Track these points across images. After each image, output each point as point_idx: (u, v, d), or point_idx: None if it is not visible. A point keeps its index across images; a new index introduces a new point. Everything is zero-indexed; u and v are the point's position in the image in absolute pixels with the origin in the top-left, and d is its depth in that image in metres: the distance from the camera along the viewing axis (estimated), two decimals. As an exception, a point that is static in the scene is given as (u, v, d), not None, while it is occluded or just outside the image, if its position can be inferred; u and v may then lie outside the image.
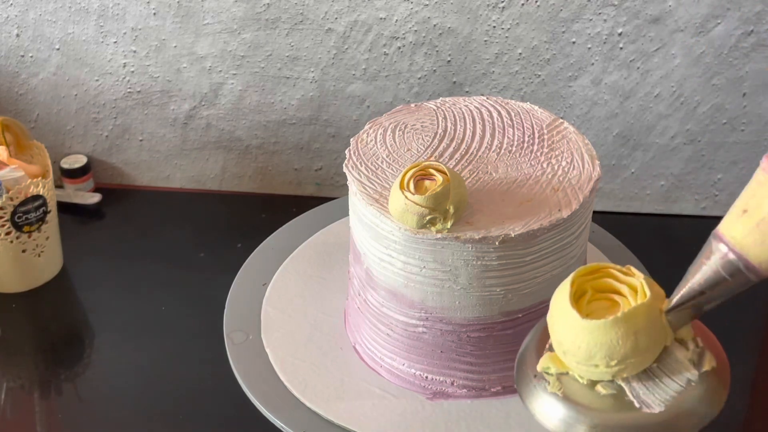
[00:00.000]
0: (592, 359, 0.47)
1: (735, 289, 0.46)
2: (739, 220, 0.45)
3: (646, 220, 0.97)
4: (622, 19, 0.86)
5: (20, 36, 0.94)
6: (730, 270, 0.45)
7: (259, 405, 0.69)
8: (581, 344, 0.47)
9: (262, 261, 0.83)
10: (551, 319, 0.50)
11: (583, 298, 0.49)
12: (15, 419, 0.74)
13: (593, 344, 0.47)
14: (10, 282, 0.85)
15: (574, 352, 0.48)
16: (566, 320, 0.48)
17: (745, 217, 0.44)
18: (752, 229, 0.44)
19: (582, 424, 0.47)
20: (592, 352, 0.47)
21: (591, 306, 0.49)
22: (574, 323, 0.47)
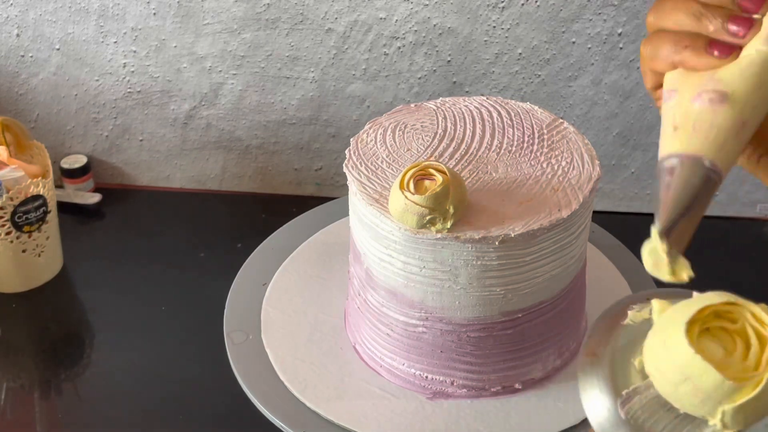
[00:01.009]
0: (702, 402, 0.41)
1: (705, 197, 0.43)
2: (675, 136, 0.43)
3: (646, 220, 0.96)
4: (622, 19, 0.86)
5: (20, 36, 0.94)
6: (696, 170, 0.42)
7: (259, 405, 0.69)
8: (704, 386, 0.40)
9: (262, 261, 0.83)
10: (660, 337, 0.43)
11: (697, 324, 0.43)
12: (15, 419, 0.74)
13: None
14: (10, 282, 0.85)
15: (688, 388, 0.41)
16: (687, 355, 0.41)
17: (679, 131, 0.43)
18: (691, 135, 0.43)
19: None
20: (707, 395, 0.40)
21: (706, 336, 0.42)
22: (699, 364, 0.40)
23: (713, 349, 0.41)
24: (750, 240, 0.94)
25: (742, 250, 0.93)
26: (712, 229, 0.97)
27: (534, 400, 0.68)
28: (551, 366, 0.70)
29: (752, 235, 0.95)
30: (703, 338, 0.42)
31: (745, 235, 0.95)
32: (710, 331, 0.42)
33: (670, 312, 0.43)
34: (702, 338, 0.42)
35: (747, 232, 0.95)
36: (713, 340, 0.42)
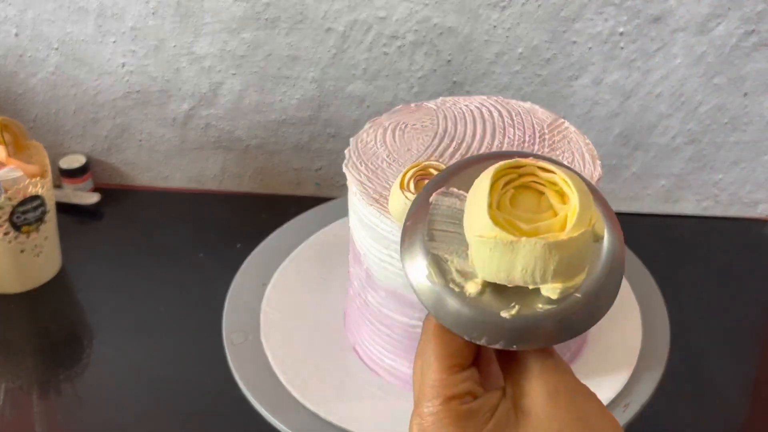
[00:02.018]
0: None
1: None
2: None
3: (647, 220, 0.97)
4: (623, 18, 0.86)
5: (19, 36, 0.94)
6: None
7: (258, 406, 0.69)
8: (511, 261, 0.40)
9: (261, 261, 0.82)
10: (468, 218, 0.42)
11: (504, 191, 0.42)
12: (14, 419, 0.74)
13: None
14: (8, 282, 0.85)
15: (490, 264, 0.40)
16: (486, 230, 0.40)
17: None
18: None
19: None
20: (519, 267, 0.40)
21: (517, 199, 0.41)
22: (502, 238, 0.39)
23: (518, 208, 0.41)
24: (751, 240, 0.94)
25: (743, 251, 0.92)
26: (713, 229, 0.97)
27: (535, 401, 0.68)
28: (552, 367, 0.70)
29: (754, 236, 0.94)
30: (516, 197, 0.41)
31: (746, 235, 0.94)
32: (523, 187, 0.42)
33: (473, 188, 0.42)
34: (514, 197, 0.41)
35: (748, 232, 0.95)
36: (524, 196, 0.41)
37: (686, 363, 0.76)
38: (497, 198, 0.40)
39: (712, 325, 0.82)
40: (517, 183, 0.41)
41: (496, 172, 0.41)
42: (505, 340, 0.41)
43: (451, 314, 0.41)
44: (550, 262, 0.39)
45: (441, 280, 0.42)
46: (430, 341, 0.42)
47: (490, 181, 0.40)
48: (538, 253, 0.39)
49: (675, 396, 0.73)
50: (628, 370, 0.70)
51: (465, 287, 0.42)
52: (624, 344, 0.73)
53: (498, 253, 0.39)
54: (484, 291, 0.41)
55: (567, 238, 0.38)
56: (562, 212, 0.40)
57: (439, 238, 0.43)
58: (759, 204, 0.95)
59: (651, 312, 0.76)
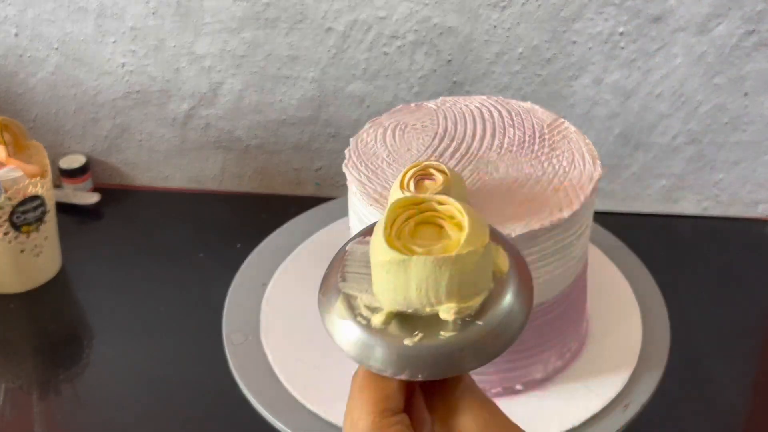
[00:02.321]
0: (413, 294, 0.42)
1: None
2: None
3: (647, 220, 0.97)
4: (623, 18, 0.86)
5: (18, 35, 0.94)
6: None
7: (258, 406, 0.69)
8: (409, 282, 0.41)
9: (261, 261, 0.82)
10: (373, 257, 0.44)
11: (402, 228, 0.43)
12: (14, 420, 0.74)
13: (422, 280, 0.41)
14: (8, 282, 0.85)
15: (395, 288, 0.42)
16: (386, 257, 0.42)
17: None
18: None
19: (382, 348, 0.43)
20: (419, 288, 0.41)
21: (418, 231, 0.43)
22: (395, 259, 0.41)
23: (419, 239, 0.42)
24: (752, 240, 0.94)
25: (743, 251, 0.92)
26: (714, 229, 0.97)
27: (535, 401, 0.68)
28: (552, 367, 0.70)
29: (754, 236, 0.94)
30: (416, 230, 0.43)
31: (747, 235, 0.94)
32: (424, 222, 0.43)
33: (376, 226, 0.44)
34: (414, 230, 0.43)
35: (749, 232, 0.95)
36: (425, 230, 0.43)
37: (686, 363, 0.76)
38: (397, 230, 0.42)
39: (712, 325, 0.82)
40: (418, 218, 0.43)
41: (394, 206, 0.42)
42: (409, 369, 0.42)
43: (359, 347, 0.43)
44: (441, 279, 0.40)
45: (349, 314, 0.44)
46: (361, 389, 0.44)
47: (387, 212, 0.42)
48: (428, 269, 0.40)
49: (675, 396, 0.73)
50: (628, 370, 0.70)
51: (371, 319, 0.43)
52: (624, 344, 0.73)
53: (393, 275, 0.41)
54: (390, 322, 0.43)
55: (455, 254, 0.40)
56: (456, 237, 0.42)
57: (350, 279, 0.45)
58: (759, 204, 0.95)
59: (651, 312, 0.76)
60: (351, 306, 0.44)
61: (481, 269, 0.42)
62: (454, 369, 0.42)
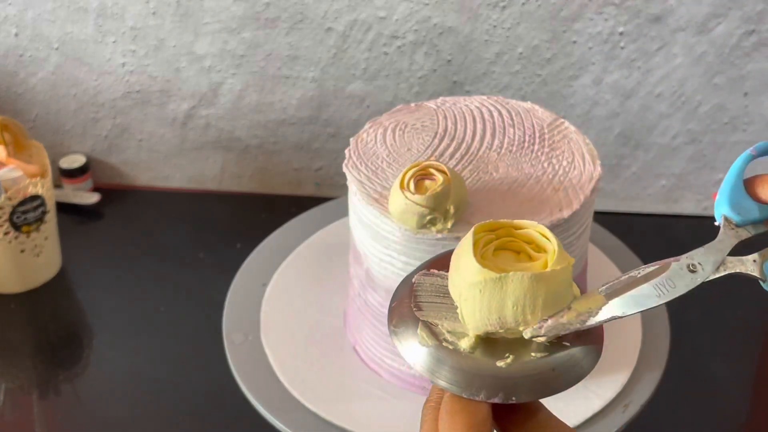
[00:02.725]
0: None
1: None
2: None
3: (647, 220, 0.97)
4: (623, 18, 0.86)
5: (19, 35, 0.94)
6: None
7: (258, 406, 0.69)
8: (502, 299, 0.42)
9: (261, 261, 0.82)
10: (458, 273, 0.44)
11: (486, 249, 0.44)
12: (14, 420, 0.74)
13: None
14: (8, 282, 0.85)
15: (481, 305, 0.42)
16: (473, 272, 0.42)
17: None
18: None
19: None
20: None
21: (497, 256, 0.44)
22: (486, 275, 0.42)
23: (500, 263, 0.43)
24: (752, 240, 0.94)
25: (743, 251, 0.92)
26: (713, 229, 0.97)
27: (535, 401, 0.68)
28: (552, 367, 0.70)
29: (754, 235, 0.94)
30: (496, 256, 0.43)
31: (746, 235, 0.94)
32: (502, 248, 0.44)
33: (455, 256, 0.44)
34: (494, 256, 0.43)
35: (748, 232, 0.95)
36: (503, 255, 0.43)
37: (686, 363, 0.76)
38: (480, 254, 0.42)
39: (712, 325, 0.82)
40: (496, 244, 0.43)
41: (476, 231, 0.43)
42: (503, 391, 0.42)
43: (448, 372, 0.42)
44: (538, 294, 0.41)
45: (434, 341, 0.43)
46: (452, 414, 0.42)
47: (472, 236, 0.42)
48: (526, 285, 0.41)
49: (675, 396, 0.73)
50: (628, 370, 0.70)
51: (458, 344, 0.43)
52: (624, 344, 0.73)
53: (488, 294, 0.41)
54: (477, 346, 0.43)
55: (551, 270, 0.41)
56: (542, 257, 0.42)
57: (426, 308, 0.44)
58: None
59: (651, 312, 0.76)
60: (434, 333, 0.43)
61: (568, 287, 0.43)
62: (547, 390, 0.42)
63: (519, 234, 0.44)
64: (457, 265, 0.43)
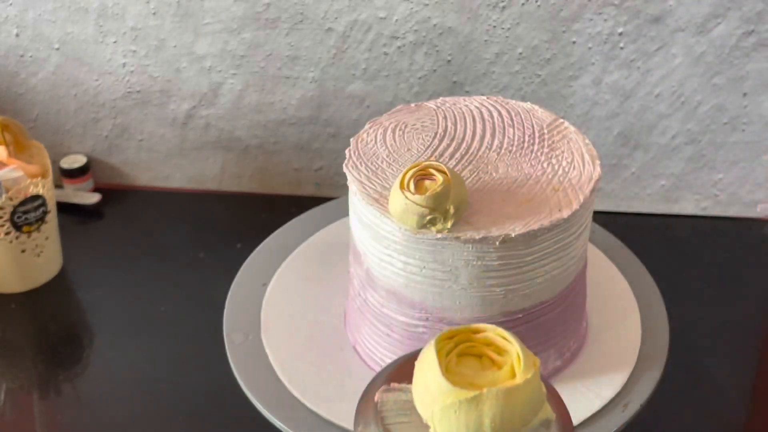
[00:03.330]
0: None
1: None
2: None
3: (646, 220, 0.97)
4: (622, 18, 0.86)
5: (19, 35, 0.94)
6: None
7: (259, 405, 0.69)
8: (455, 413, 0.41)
9: (262, 261, 0.82)
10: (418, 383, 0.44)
11: (450, 354, 0.43)
12: (14, 419, 0.74)
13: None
14: (9, 282, 0.85)
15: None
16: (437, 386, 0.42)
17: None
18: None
19: None
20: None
21: (461, 364, 0.43)
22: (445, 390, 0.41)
23: (465, 371, 0.42)
24: (751, 240, 0.94)
25: (742, 251, 0.92)
26: (712, 229, 0.97)
27: (534, 401, 0.68)
28: (551, 366, 0.70)
29: (753, 236, 0.94)
30: (459, 364, 0.42)
31: (746, 235, 0.94)
32: (463, 354, 0.43)
33: (418, 368, 0.44)
34: (458, 364, 0.42)
35: (748, 232, 0.95)
36: (465, 361, 0.43)
37: (685, 363, 0.76)
38: (445, 368, 0.41)
39: (712, 325, 0.82)
40: (456, 351, 0.42)
41: (437, 342, 0.42)
42: None
43: None
44: (515, 405, 0.40)
45: None
46: None
47: (435, 351, 0.41)
48: (502, 400, 0.40)
49: (674, 396, 0.73)
50: (628, 370, 0.70)
51: None
52: (623, 344, 0.73)
53: (464, 413, 0.40)
54: None
55: (523, 380, 0.40)
56: (507, 363, 0.41)
57: (394, 430, 0.43)
58: (758, 204, 0.95)
59: (650, 312, 0.77)
60: None
61: (540, 388, 0.42)
62: None
63: (477, 338, 0.43)
64: (424, 382, 0.42)
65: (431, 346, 0.42)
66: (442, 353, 0.42)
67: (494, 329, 0.43)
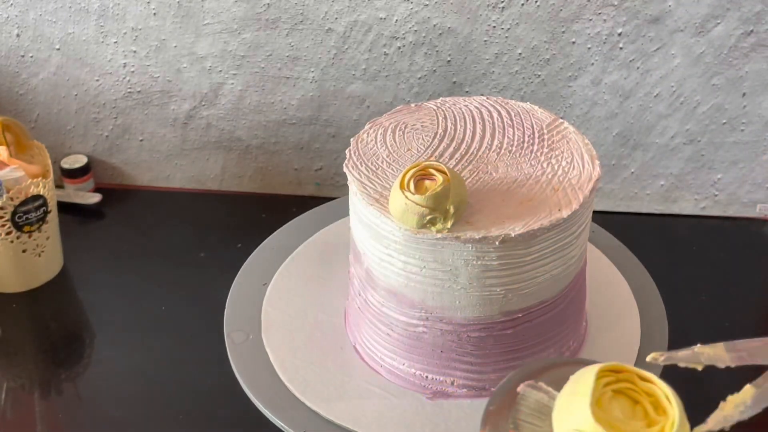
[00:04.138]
0: None
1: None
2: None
3: (646, 220, 0.97)
4: (621, 19, 0.86)
5: (20, 36, 0.94)
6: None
7: (259, 405, 0.69)
8: None
9: (262, 261, 0.83)
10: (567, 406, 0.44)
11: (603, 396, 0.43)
12: (15, 419, 0.74)
13: None
14: (10, 282, 0.85)
15: None
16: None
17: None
18: None
19: None
20: None
21: (614, 401, 0.43)
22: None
23: (615, 411, 0.41)
24: (750, 240, 0.94)
25: (741, 251, 0.93)
26: (712, 229, 0.97)
27: (534, 400, 0.68)
28: (551, 366, 0.70)
29: (752, 235, 0.95)
30: (612, 400, 0.42)
31: (745, 235, 0.95)
32: (620, 392, 0.42)
33: (571, 384, 0.43)
34: (611, 400, 0.42)
35: (747, 232, 0.95)
36: (620, 401, 0.42)
37: (685, 362, 0.76)
38: (596, 400, 0.41)
39: (711, 325, 0.82)
40: (614, 387, 0.42)
41: (599, 372, 0.41)
42: None
43: None
44: None
45: None
46: None
47: (594, 379, 0.41)
48: None
49: (673, 395, 0.73)
50: (627, 369, 0.71)
51: None
52: (623, 343, 0.73)
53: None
54: None
55: None
56: (659, 423, 0.41)
57: (522, 429, 0.43)
58: (757, 203, 0.95)
59: (649, 311, 0.77)
60: None
61: None
62: None
63: (641, 386, 0.42)
64: (570, 402, 0.41)
65: (592, 372, 0.41)
66: (599, 383, 0.41)
67: (663, 385, 0.43)
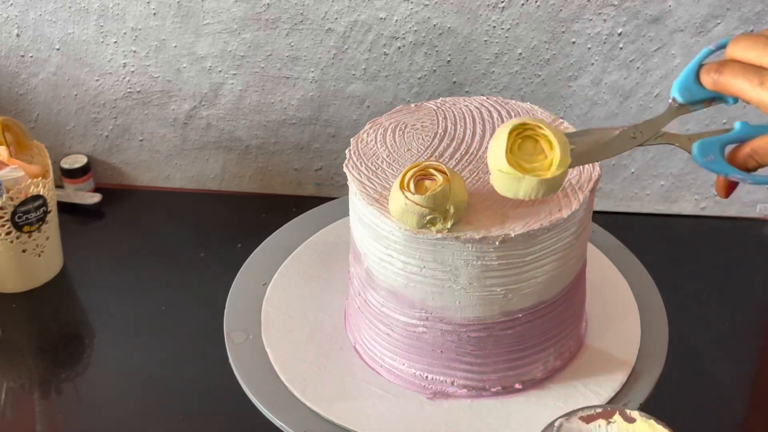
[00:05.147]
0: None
1: None
2: None
3: (646, 220, 0.97)
4: (621, 19, 0.86)
5: (20, 36, 0.94)
6: None
7: (259, 405, 0.69)
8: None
9: (262, 261, 0.83)
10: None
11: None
12: (15, 419, 0.74)
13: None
14: (10, 282, 0.85)
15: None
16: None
17: None
18: None
19: None
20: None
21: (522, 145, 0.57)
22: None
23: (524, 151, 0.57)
24: (750, 240, 0.94)
25: (741, 251, 0.93)
26: (712, 229, 0.97)
27: (534, 400, 0.68)
28: (551, 366, 0.70)
29: (752, 236, 0.95)
30: (522, 144, 0.57)
31: (745, 235, 0.95)
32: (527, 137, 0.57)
33: (495, 139, 0.58)
34: (521, 145, 0.57)
35: (747, 232, 0.95)
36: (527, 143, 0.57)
37: (685, 362, 0.77)
38: (511, 142, 0.56)
39: (711, 325, 0.82)
40: (523, 134, 0.57)
41: (512, 128, 0.56)
42: None
43: None
44: (541, 189, 0.56)
45: None
46: None
47: (508, 132, 0.56)
48: (534, 184, 0.56)
49: (673, 395, 0.73)
50: (627, 370, 0.71)
51: None
52: (623, 343, 0.73)
53: (508, 181, 0.56)
54: None
55: (552, 176, 0.56)
56: (549, 156, 0.56)
57: None
58: (757, 204, 0.95)
59: (649, 311, 0.77)
60: None
61: (563, 178, 0.56)
62: None
63: (540, 131, 0.56)
64: (493, 148, 0.57)
65: (507, 126, 0.56)
66: (512, 134, 0.56)
67: (551, 130, 0.56)
